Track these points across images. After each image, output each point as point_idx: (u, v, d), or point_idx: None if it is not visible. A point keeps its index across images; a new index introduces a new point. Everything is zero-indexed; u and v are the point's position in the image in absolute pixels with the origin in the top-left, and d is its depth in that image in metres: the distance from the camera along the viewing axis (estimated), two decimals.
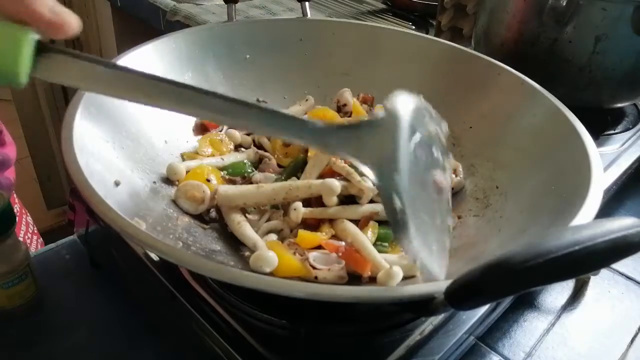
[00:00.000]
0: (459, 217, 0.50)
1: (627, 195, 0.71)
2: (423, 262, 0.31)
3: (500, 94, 0.57)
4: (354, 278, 0.40)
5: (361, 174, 0.46)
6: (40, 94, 1.64)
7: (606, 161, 0.66)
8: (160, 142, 0.52)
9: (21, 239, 0.74)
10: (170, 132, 0.54)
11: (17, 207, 0.77)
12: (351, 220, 0.45)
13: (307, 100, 0.62)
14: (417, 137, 0.31)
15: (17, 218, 0.73)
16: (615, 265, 0.60)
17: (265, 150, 0.57)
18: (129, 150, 0.48)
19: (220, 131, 0.58)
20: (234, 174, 0.51)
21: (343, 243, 0.42)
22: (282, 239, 0.44)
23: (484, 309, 0.45)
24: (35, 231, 0.82)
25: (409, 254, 0.32)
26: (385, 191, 0.29)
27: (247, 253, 0.44)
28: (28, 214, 0.81)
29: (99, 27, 1.53)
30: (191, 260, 0.32)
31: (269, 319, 0.41)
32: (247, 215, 0.47)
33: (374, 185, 0.44)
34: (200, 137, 0.56)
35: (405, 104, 0.30)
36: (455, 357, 0.45)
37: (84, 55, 0.30)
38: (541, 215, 0.43)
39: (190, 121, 0.58)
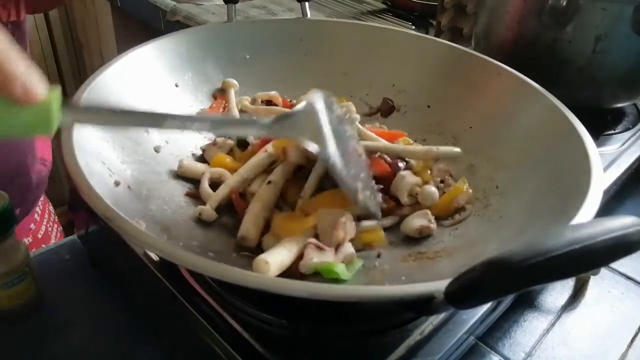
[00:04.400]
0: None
1: (627, 195, 0.71)
2: (365, 201, 0.42)
3: (500, 94, 0.57)
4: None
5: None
6: None
7: (606, 161, 0.66)
8: (160, 142, 0.52)
9: (44, 227, 0.74)
10: (171, 132, 0.54)
11: (41, 199, 0.78)
12: None
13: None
14: (333, 116, 0.42)
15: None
16: (615, 265, 0.60)
17: None
18: (128, 150, 0.48)
19: None
20: None
21: None
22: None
23: (484, 308, 0.45)
24: (56, 220, 0.82)
25: (355, 196, 0.42)
26: (324, 155, 0.39)
27: (247, 253, 0.44)
28: (49, 203, 0.82)
29: (99, 27, 1.53)
30: (191, 260, 0.32)
31: (269, 319, 0.41)
32: None
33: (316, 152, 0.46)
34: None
35: (317, 98, 0.42)
36: (455, 357, 0.45)
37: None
38: (541, 215, 0.43)
39: None
